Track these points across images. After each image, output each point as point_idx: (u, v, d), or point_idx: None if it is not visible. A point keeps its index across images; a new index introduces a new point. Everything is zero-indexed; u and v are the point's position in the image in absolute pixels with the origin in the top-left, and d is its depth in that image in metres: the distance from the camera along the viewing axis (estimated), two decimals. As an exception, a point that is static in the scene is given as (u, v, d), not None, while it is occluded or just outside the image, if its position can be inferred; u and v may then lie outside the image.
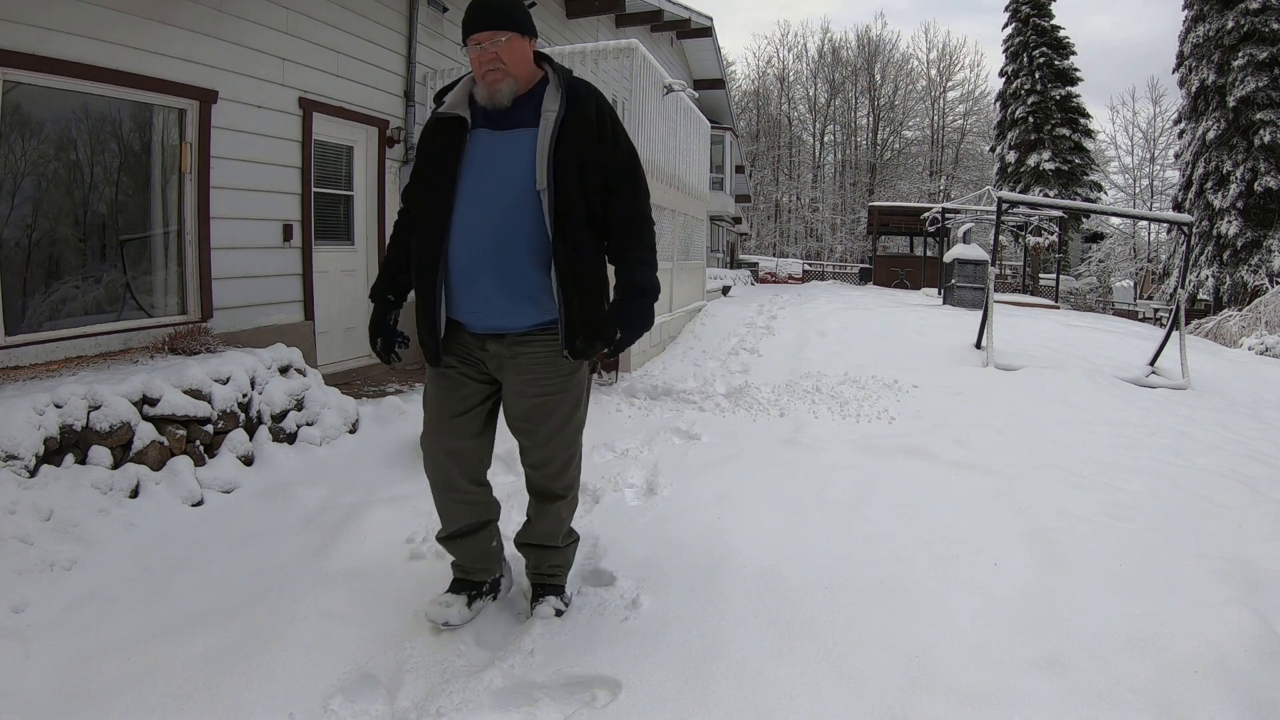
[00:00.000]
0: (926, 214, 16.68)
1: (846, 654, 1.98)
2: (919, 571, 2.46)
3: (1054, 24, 23.55)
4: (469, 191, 1.92)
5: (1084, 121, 23.08)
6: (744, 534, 2.74)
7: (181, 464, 3.11)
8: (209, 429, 3.32)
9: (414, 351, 2.13)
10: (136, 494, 2.91)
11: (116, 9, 3.85)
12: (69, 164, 3.96)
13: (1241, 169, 17.45)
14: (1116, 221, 27.01)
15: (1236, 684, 1.84)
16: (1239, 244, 17.49)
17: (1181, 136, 20.04)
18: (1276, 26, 17.00)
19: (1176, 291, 6.85)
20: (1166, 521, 2.98)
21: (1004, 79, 24.34)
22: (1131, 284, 27.46)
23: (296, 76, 5.04)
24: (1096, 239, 26.85)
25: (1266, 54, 17.07)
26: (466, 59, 2.03)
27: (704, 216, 9.08)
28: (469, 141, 1.95)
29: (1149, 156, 30.77)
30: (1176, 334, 6.50)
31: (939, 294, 12.69)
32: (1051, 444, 4.07)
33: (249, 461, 3.40)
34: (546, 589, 2.24)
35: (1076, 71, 23.24)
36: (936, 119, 38.19)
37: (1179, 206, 19.53)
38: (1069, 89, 23.05)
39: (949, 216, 15.03)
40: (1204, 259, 18.16)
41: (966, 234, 12.83)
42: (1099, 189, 23.62)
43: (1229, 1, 17.79)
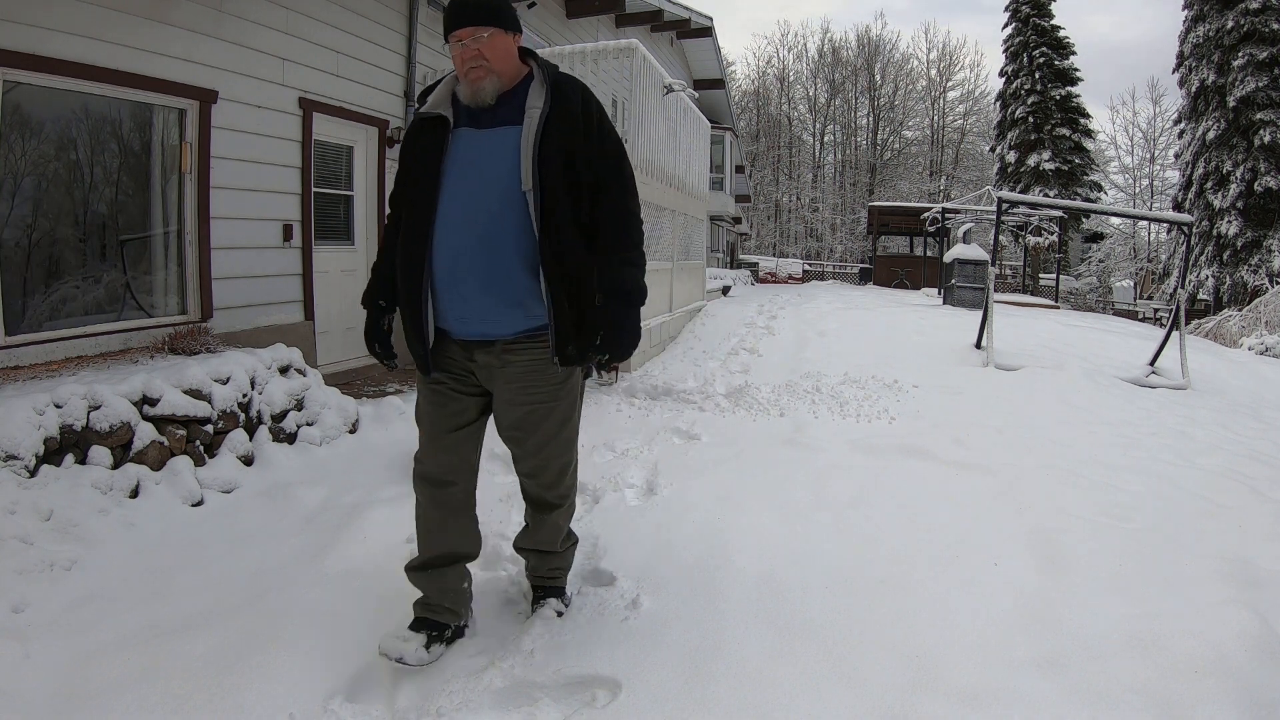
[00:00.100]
0: (926, 214, 16.68)
1: (846, 654, 1.98)
2: (919, 571, 2.46)
3: (1054, 24, 23.55)
4: (452, 192, 1.86)
5: (1084, 121, 23.08)
6: (744, 534, 2.74)
7: (181, 464, 3.11)
8: (209, 429, 3.32)
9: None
10: (136, 494, 2.91)
11: (116, 9, 3.85)
12: (69, 164, 3.96)
13: (1241, 169, 17.45)
14: (1116, 221, 27.01)
15: (1236, 684, 1.84)
16: (1239, 244, 17.48)
17: (1181, 136, 20.04)
18: (1276, 26, 17.00)
19: (1176, 291, 6.85)
20: (1166, 521, 2.98)
21: (1004, 79, 24.35)
22: (1131, 284, 27.46)
23: (296, 76, 5.04)
24: (1096, 239, 26.85)
25: (1266, 54, 17.07)
26: None
27: (704, 216, 9.09)
28: (451, 141, 1.88)
29: (1149, 156, 30.80)
30: (1176, 334, 6.50)
31: (939, 294, 12.69)
32: (1051, 444, 4.07)
33: (249, 461, 3.40)
34: (547, 591, 2.24)
35: (1076, 71, 23.25)
36: (936, 119, 38.20)
37: (1179, 206, 19.53)
38: (1069, 89, 23.05)
39: (949, 216, 15.03)
40: (1204, 259, 18.16)
41: (966, 234, 12.83)
42: (1099, 189, 23.62)
43: (1229, 1, 17.79)
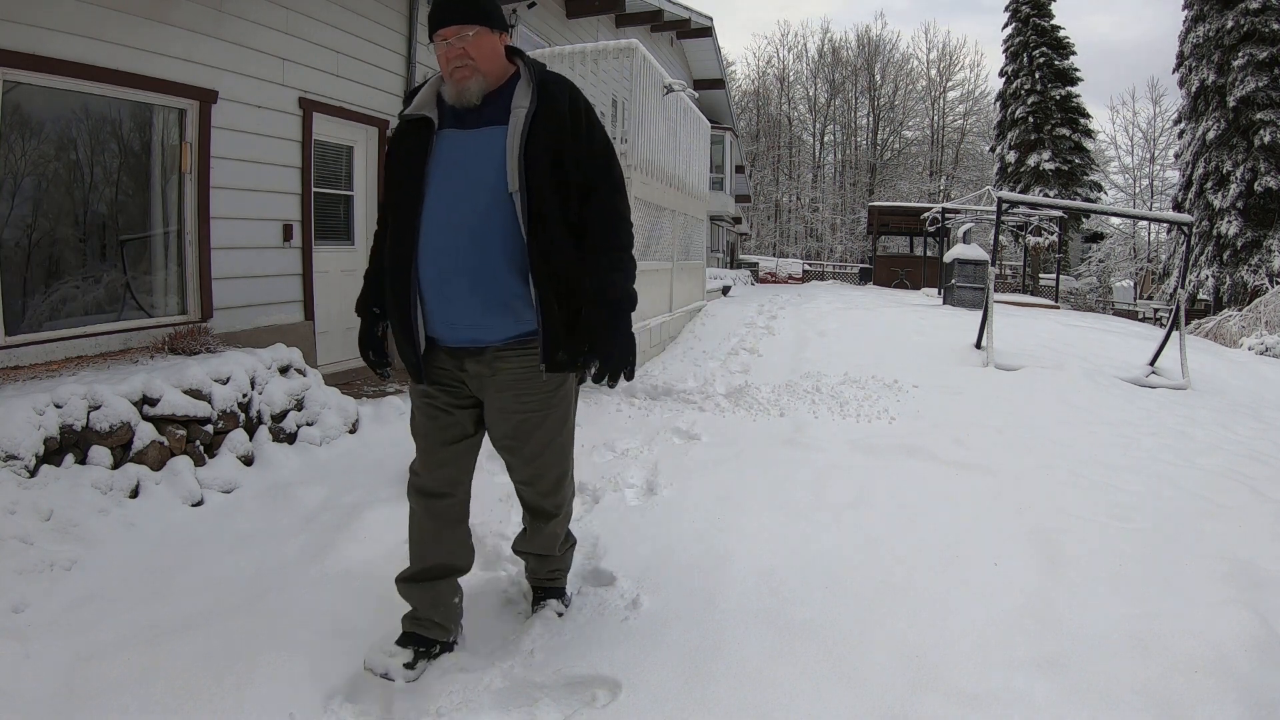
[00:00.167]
0: (926, 214, 16.68)
1: (846, 654, 1.98)
2: (919, 571, 2.46)
3: (1054, 24, 23.56)
4: (437, 194, 1.81)
5: (1084, 121, 23.09)
6: (744, 534, 2.74)
7: (181, 464, 3.11)
8: (209, 429, 3.32)
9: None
10: (136, 494, 2.91)
11: (116, 9, 3.85)
12: (69, 164, 3.96)
13: (1241, 169, 17.45)
14: (1116, 221, 27.01)
15: (1236, 684, 1.84)
16: (1239, 244, 17.49)
17: (1181, 136, 20.05)
18: (1276, 26, 17.00)
19: (1176, 291, 6.84)
20: (1167, 521, 2.98)
21: (1004, 79, 24.35)
22: (1131, 284, 27.46)
23: (296, 76, 5.04)
24: (1096, 239, 26.85)
25: (1266, 54, 17.07)
26: None
27: (704, 216, 9.09)
28: (436, 143, 1.84)
29: (1149, 156, 30.80)
30: (1176, 334, 6.50)
31: (939, 294, 12.69)
32: (1051, 444, 4.07)
33: (249, 461, 3.40)
34: (548, 592, 2.24)
35: (1076, 71, 23.25)
36: (936, 119, 38.20)
37: (1179, 206, 19.53)
38: (1069, 89, 23.06)
39: (949, 216, 15.03)
40: (1204, 259, 18.16)
41: (966, 234, 12.83)
42: (1099, 189, 23.62)
43: (1229, 1, 17.79)
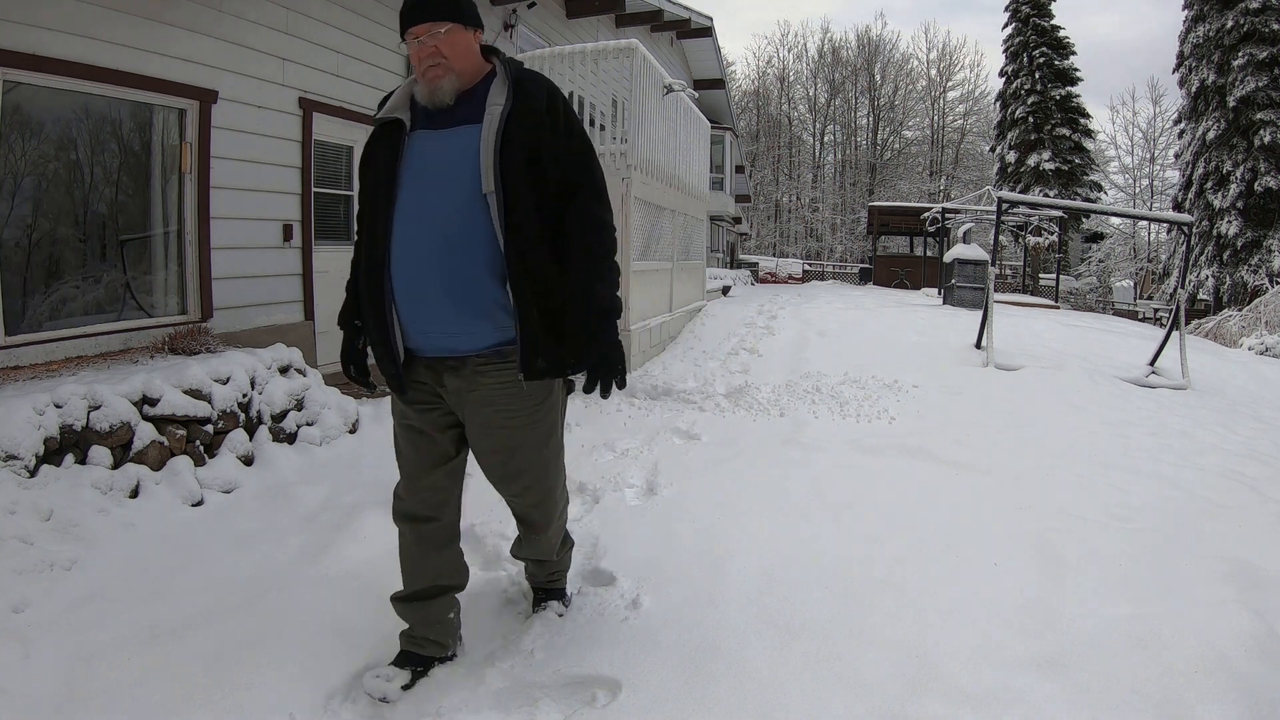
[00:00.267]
0: (926, 214, 16.67)
1: (846, 654, 1.98)
2: (919, 571, 2.46)
3: (1054, 24, 23.55)
4: (409, 197, 1.75)
5: (1084, 121, 23.08)
6: (744, 534, 2.74)
7: (181, 464, 3.11)
8: (209, 429, 3.32)
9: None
10: (136, 494, 2.91)
11: (116, 9, 3.85)
12: (69, 164, 3.96)
13: (1241, 169, 17.45)
14: (1116, 221, 27.00)
15: (1236, 684, 1.84)
16: (1239, 244, 17.48)
17: (1181, 136, 20.05)
18: (1276, 26, 17.00)
19: (1176, 291, 6.84)
20: (1167, 521, 2.98)
21: (1004, 79, 24.35)
22: (1131, 284, 27.46)
23: (296, 76, 5.04)
24: (1096, 239, 26.84)
25: (1266, 54, 17.07)
26: None
27: (704, 216, 9.08)
28: (408, 145, 1.78)
29: (1149, 156, 30.79)
30: (1176, 334, 6.49)
31: (939, 294, 12.69)
32: (1051, 444, 4.07)
33: (249, 461, 3.40)
34: (549, 594, 2.23)
35: (1076, 71, 23.25)
36: (936, 119, 38.19)
37: (1179, 206, 19.53)
38: (1069, 89, 23.05)
39: (949, 216, 15.02)
40: (1204, 259, 18.16)
41: (966, 234, 12.82)
42: (1099, 189, 23.62)
43: (1229, 1, 17.79)
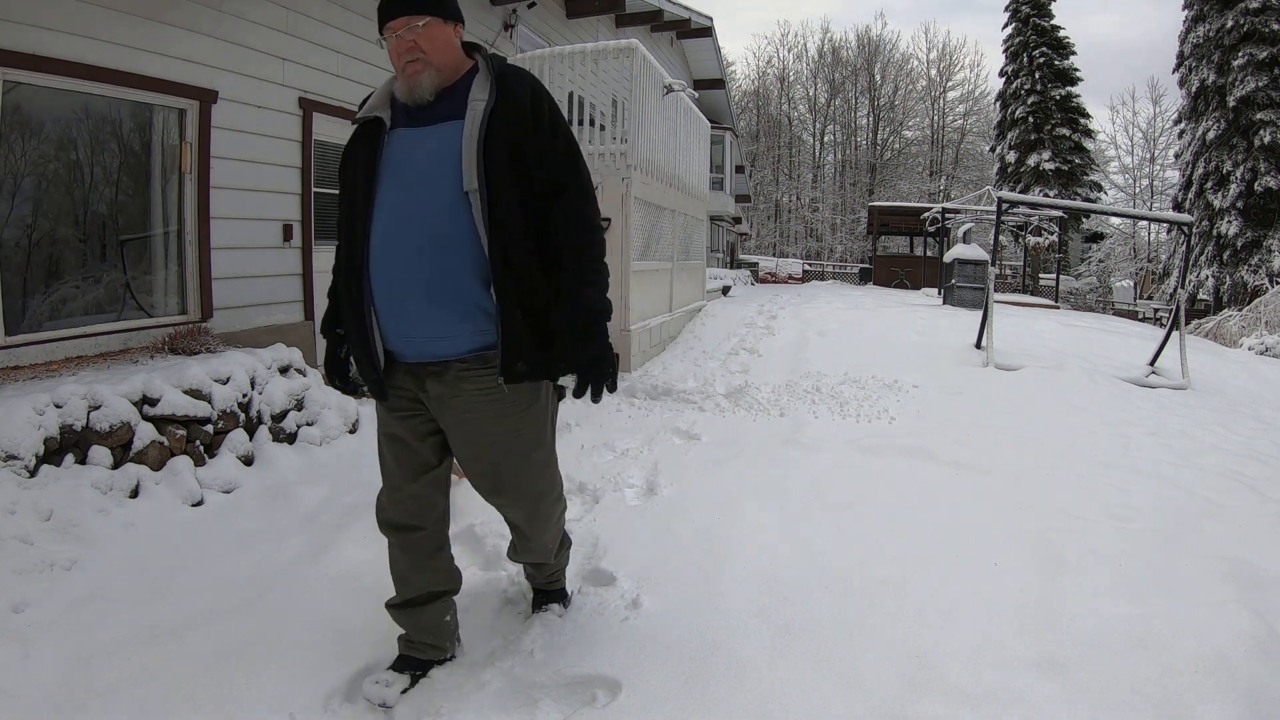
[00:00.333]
0: (926, 214, 16.67)
1: (846, 654, 1.98)
2: (918, 571, 2.46)
3: (1054, 24, 23.56)
4: (389, 197, 1.70)
5: (1084, 121, 23.08)
6: (744, 534, 2.74)
7: (181, 464, 3.11)
8: (209, 429, 3.32)
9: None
10: (136, 494, 2.91)
11: (116, 9, 3.85)
12: (69, 164, 3.96)
13: (1241, 169, 17.45)
14: (1116, 221, 27.00)
15: (1236, 684, 1.84)
16: (1239, 244, 17.48)
17: (1181, 136, 20.05)
18: (1276, 26, 17.00)
19: (1176, 291, 6.84)
20: (1167, 521, 2.98)
21: (1004, 79, 24.35)
22: (1131, 284, 27.45)
23: (296, 76, 5.04)
24: (1096, 239, 26.84)
25: (1266, 54, 17.07)
26: None
27: (704, 216, 9.09)
28: (387, 143, 1.73)
29: (1149, 156, 30.79)
30: (1176, 334, 6.49)
31: (939, 294, 12.69)
32: (1051, 444, 4.07)
33: (249, 461, 3.40)
34: (548, 596, 2.22)
35: (1076, 71, 23.25)
36: (936, 119, 38.19)
37: (1179, 206, 19.53)
38: (1069, 89, 23.05)
39: (949, 216, 15.02)
40: (1204, 259, 18.16)
41: (966, 234, 12.82)
42: (1099, 189, 23.62)
43: (1229, 1, 17.79)
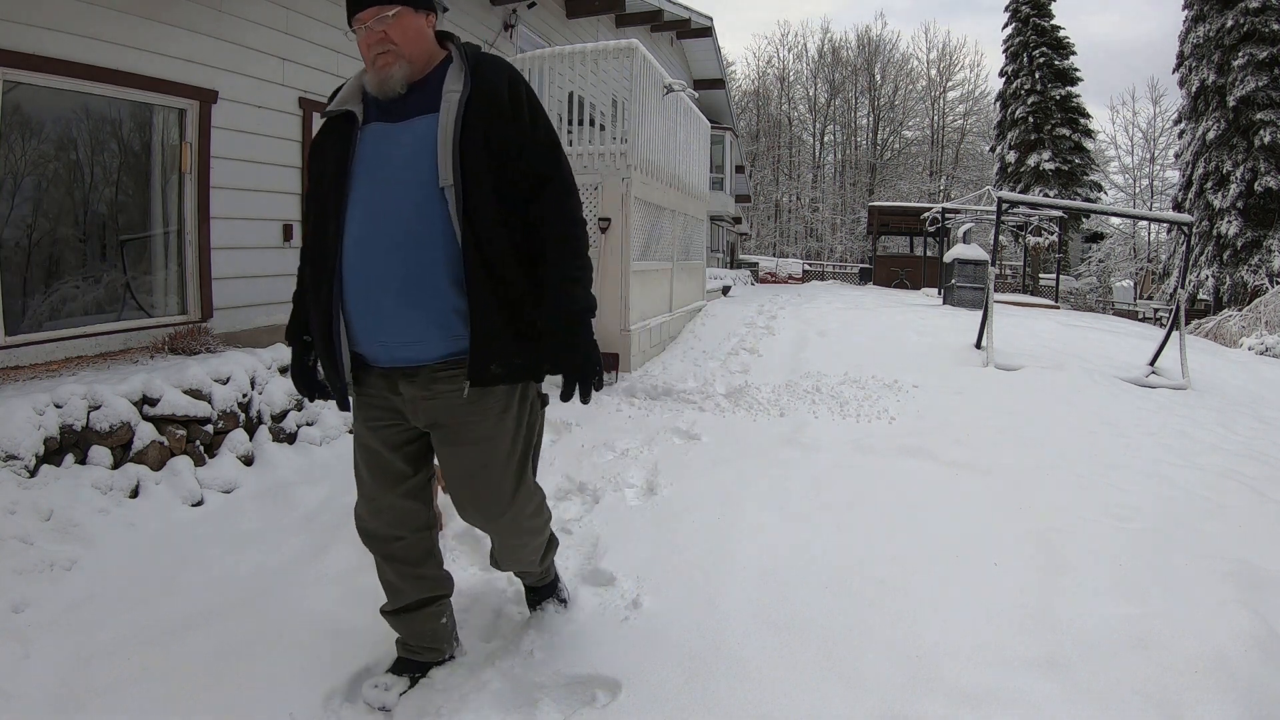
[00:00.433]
0: (926, 214, 16.66)
1: (846, 654, 1.98)
2: (919, 571, 2.46)
3: (1054, 24, 23.55)
4: (362, 195, 1.63)
5: (1084, 121, 23.08)
6: (744, 534, 2.74)
7: (181, 464, 3.11)
8: (209, 429, 3.32)
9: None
10: (136, 494, 2.91)
11: (116, 9, 3.85)
12: (69, 164, 3.96)
13: (1241, 169, 17.45)
14: (1116, 221, 27.01)
15: (1236, 684, 1.84)
16: (1239, 244, 17.48)
17: (1181, 136, 20.05)
18: (1276, 27, 17.00)
19: (1176, 291, 6.84)
20: (1167, 522, 2.98)
21: (1004, 79, 24.34)
22: (1131, 284, 27.45)
23: (296, 76, 5.04)
24: (1096, 239, 26.84)
25: (1266, 54, 17.07)
26: None
27: (704, 216, 9.08)
28: (360, 138, 1.66)
29: (1149, 156, 30.81)
30: (1176, 334, 6.49)
31: (939, 294, 12.69)
32: (1051, 444, 4.07)
33: (249, 461, 3.40)
34: (540, 593, 2.16)
35: (1076, 71, 23.25)
36: (936, 119, 38.20)
37: (1179, 206, 19.54)
38: (1069, 89, 23.05)
39: (949, 216, 15.02)
40: (1204, 259, 18.16)
41: (966, 234, 12.82)
42: (1099, 189, 23.62)
43: (1229, 1, 17.80)
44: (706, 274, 9.89)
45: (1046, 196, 19.64)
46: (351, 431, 1.84)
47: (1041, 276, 19.85)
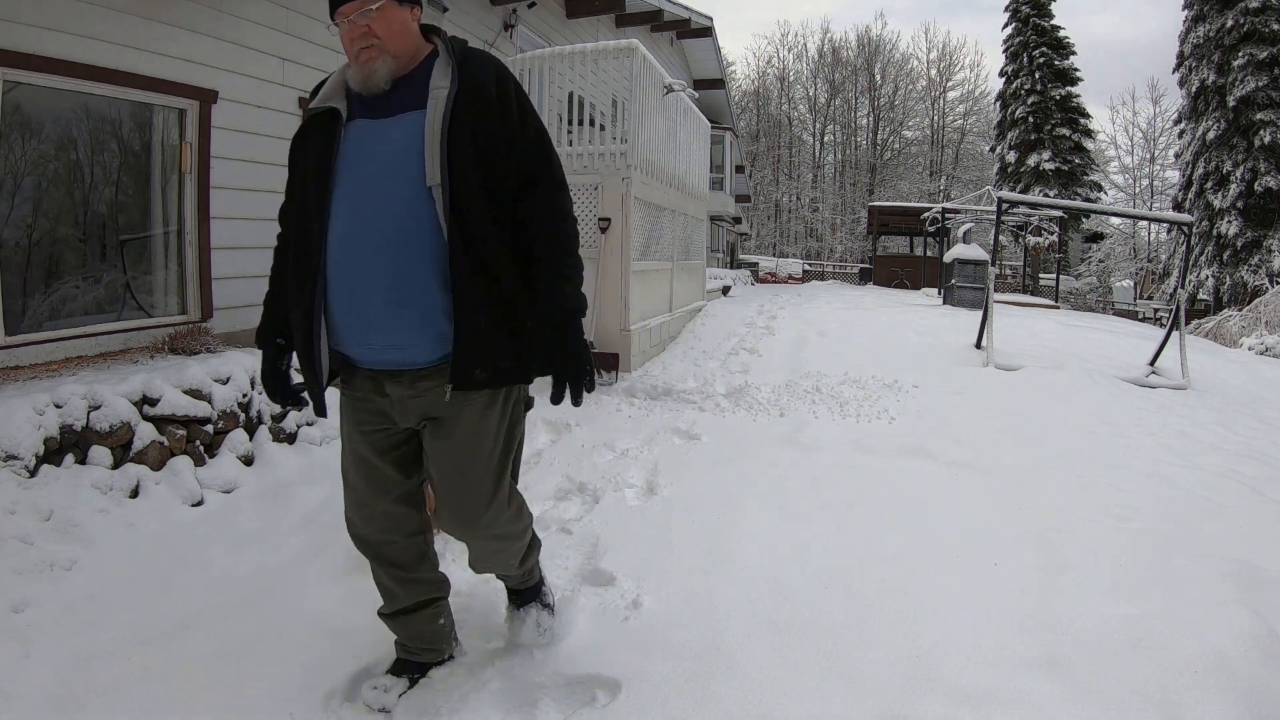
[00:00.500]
0: (926, 214, 16.66)
1: (846, 654, 1.98)
2: (919, 571, 2.46)
3: (1054, 24, 23.57)
4: (347, 192, 1.59)
5: (1084, 121, 23.10)
6: (744, 534, 2.74)
7: (181, 464, 3.11)
8: (209, 429, 3.32)
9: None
10: (136, 494, 2.91)
11: (116, 9, 3.85)
12: (69, 164, 3.96)
13: (1241, 169, 17.45)
14: (1116, 221, 27.01)
15: (1236, 684, 1.84)
16: (1239, 244, 17.49)
17: (1181, 136, 20.06)
18: (1276, 27, 17.01)
19: (1176, 291, 6.84)
20: (1167, 522, 2.98)
21: (1004, 79, 24.36)
22: (1131, 284, 27.45)
23: (296, 76, 5.04)
24: (1096, 239, 26.85)
25: (1266, 54, 17.08)
26: None
27: (704, 216, 9.08)
28: (344, 136, 1.62)
29: (1149, 156, 30.82)
30: (1176, 334, 6.49)
31: (939, 294, 12.69)
32: (1051, 444, 4.07)
33: (249, 461, 3.40)
34: (522, 596, 2.05)
35: (1076, 71, 23.26)
36: (936, 119, 38.21)
37: (1179, 206, 19.54)
38: (1069, 89, 23.06)
39: (949, 216, 15.02)
40: (1204, 259, 18.16)
41: (966, 234, 12.82)
42: (1099, 189, 23.63)
43: (1229, 1, 17.80)
44: (706, 274, 9.89)
45: (1046, 196, 19.64)
46: (343, 440, 1.81)
47: (1041, 276, 19.84)
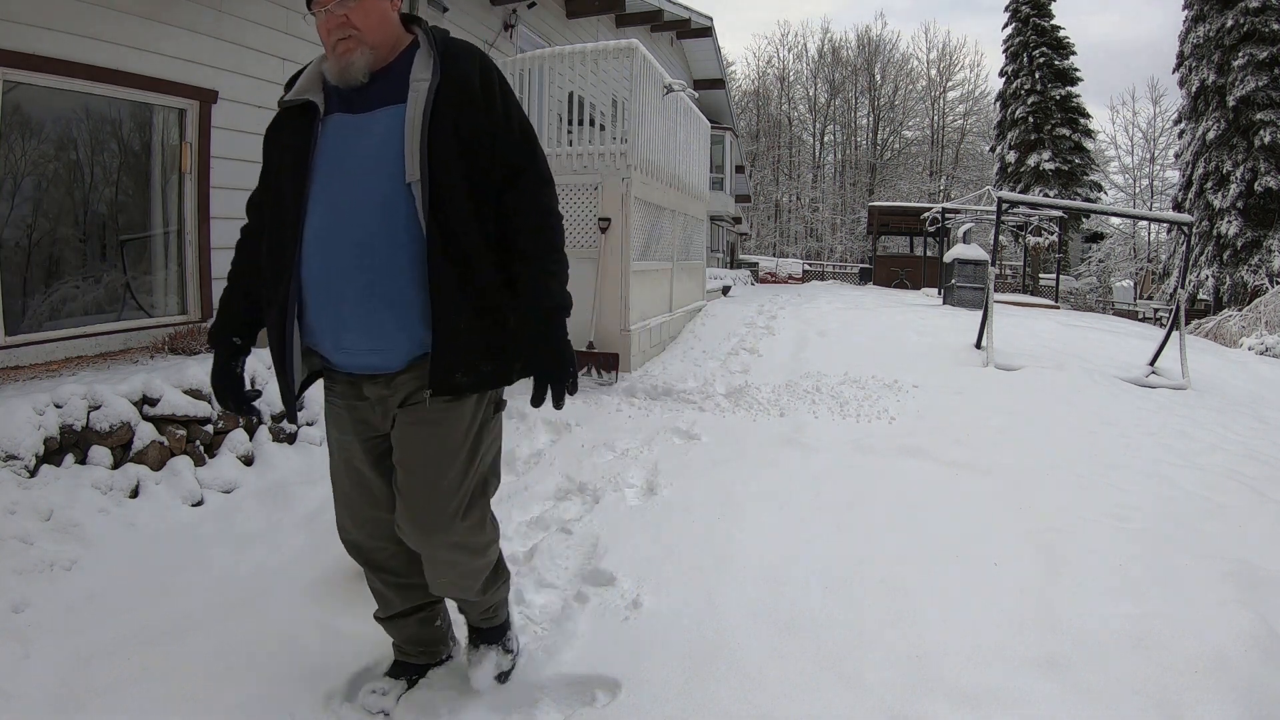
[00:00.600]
0: (926, 214, 16.66)
1: (846, 654, 1.98)
2: (919, 571, 2.46)
3: (1054, 24, 23.58)
4: (322, 192, 1.52)
5: (1084, 121, 23.10)
6: (744, 533, 2.74)
7: (181, 464, 3.11)
8: (209, 429, 3.32)
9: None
10: (136, 494, 2.91)
11: (116, 9, 3.85)
12: (69, 164, 3.96)
13: (1241, 169, 17.46)
14: (1116, 221, 27.02)
15: (1236, 684, 1.84)
16: (1239, 244, 17.49)
17: (1181, 136, 20.06)
18: (1276, 26, 17.01)
19: (1176, 291, 6.84)
20: (1167, 521, 2.98)
21: (1004, 79, 24.37)
22: (1131, 284, 27.45)
23: (296, 76, 5.04)
24: (1096, 239, 26.85)
25: (1266, 54, 17.08)
26: None
27: (704, 216, 9.08)
28: (321, 131, 1.55)
29: (1149, 156, 30.84)
30: (1176, 334, 6.49)
31: (939, 294, 12.69)
32: (1051, 444, 4.07)
33: (249, 461, 3.40)
34: (483, 635, 1.89)
35: (1076, 71, 23.27)
36: (936, 119, 38.22)
37: (1179, 206, 19.54)
38: (1069, 89, 23.07)
39: (949, 216, 15.02)
40: (1204, 259, 18.16)
41: (966, 234, 12.82)
42: (1099, 189, 23.63)
43: (1229, 1, 17.80)
44: (706, 274, 9.89)
45: (1046, 196, 19.64)
46: (331, 445, 1.75)
47: (1041, 276, 19.84)
